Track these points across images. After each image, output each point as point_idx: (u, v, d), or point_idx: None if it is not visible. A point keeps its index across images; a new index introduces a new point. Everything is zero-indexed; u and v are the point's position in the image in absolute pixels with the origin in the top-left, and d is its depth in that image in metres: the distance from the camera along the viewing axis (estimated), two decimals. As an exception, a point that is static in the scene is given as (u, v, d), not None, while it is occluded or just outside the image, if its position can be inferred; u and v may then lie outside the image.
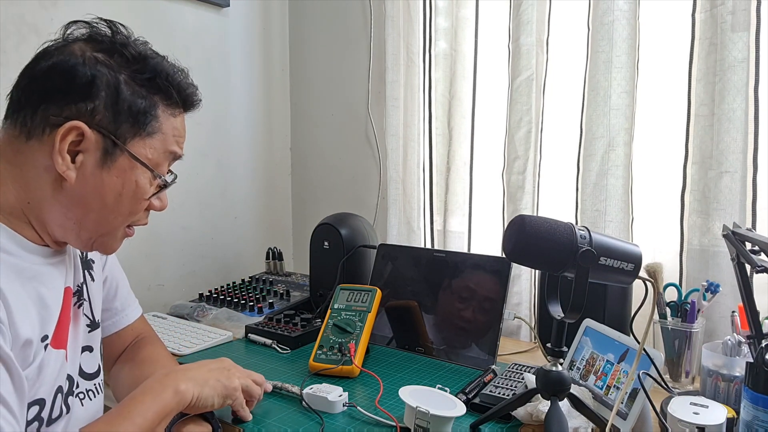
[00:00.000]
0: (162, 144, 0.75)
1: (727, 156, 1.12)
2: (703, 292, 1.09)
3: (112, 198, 0.73)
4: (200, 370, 0.85)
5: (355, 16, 1.77)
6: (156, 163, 0.75)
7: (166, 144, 0.76)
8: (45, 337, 0.71)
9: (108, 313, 0.96)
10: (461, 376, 1.12)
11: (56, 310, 0.74)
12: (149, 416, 0.74)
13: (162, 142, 0.75)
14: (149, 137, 0.74)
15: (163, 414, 0.76)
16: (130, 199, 0.74)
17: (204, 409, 0.83)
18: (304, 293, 1.55)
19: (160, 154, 0.76)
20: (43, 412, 0.71)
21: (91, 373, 0.84)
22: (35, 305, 0.70)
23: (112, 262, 0.97)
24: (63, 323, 0.76)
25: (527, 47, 1.36)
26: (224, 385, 0.85)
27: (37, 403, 0.70)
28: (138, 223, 0.79)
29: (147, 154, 0.74)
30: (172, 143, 0.77)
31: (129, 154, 0.72)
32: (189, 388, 0.80)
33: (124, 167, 0.72)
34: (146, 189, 0.75)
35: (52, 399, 0.72)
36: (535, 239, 0.76)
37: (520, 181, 1.41)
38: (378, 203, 1.74)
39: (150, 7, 1.54)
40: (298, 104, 1.96)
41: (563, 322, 0.82)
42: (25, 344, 0.66)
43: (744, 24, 1.09)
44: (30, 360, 0.68)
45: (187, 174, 1.65)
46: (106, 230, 0.76)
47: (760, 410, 0.75)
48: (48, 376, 0.71)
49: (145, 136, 0.73)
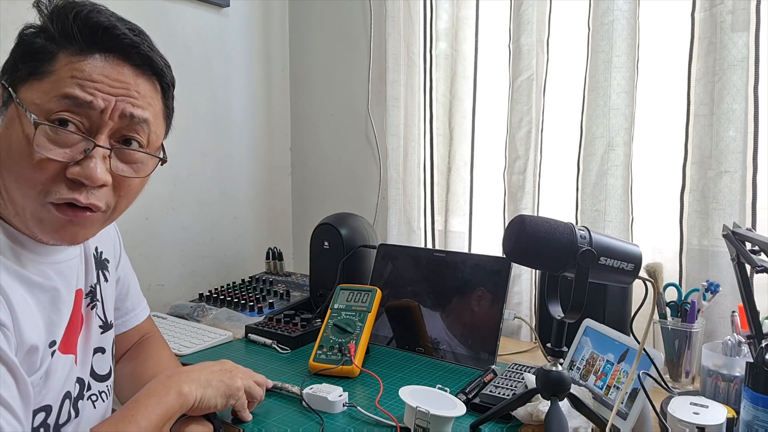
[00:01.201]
0: (53, 86, 0.63)
1: (727, 156, 1.12)
2: (703, 292, 1.09)
3: (5, 153, 0.64)
4: (202, 372, 0.84)
5: (355, 16, 1.77)
6: (46, 109, 0.63)
7: (59, 86, 0.63)
8: (53, 343, 0.69)
9: (118, 312, 0.95)
10: (461, 376, 1.12)
11: (66, 314, 0.72)
12: (153, 419, 0.73)
13: (53, 84, 0.63)
14: (39, 80, 0.64)
15: (167, 416, 0.76)
16: (19, 153, 0.63)
17: (207, 410, 0.83)
18: (304, 293, 1.55)
19: (50, 98, 0.63)
20: (50, 419, 0.70)
21: (103, 374, 0.84)
22: (42, 310, 0.68)
23: (125, 262, 0.97)
24: (73, 327, 0.74)
25: (528, 47, 1.36)
26: (227, 386, 0.85)
27: (43, 409, 0.69)
28: (56, 195, 0.64)
29: (33, 99, 0.63)
30: (68, 85, 0.63)
31: (15, 100, 0.63)
32: (192, 390, 0.79)
33: (12, 115, 0.64)
34: (33, 140, 0.62)
35: (59, 405, 0.71)
36: (535, 239, 0.76)
37: (520, 181, 1.41)
38: (378, 203, 1.74)
39: (150, 7, 1.54)
40: (298, 104, 1.96)
41: (563, 322, 0.82)
42: (31, 350, 0.65)
43: (743, 23, 1.09)
44: (36, 366, 0.66)
45: (187, 173, 1.67)
46: (23, 199, 0.65)
47: (760, 410, 0.75)
48: (55, 382, 0.70)
49: (36, 79, 0.64)
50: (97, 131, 0.66)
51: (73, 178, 0.64)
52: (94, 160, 0.64)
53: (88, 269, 0.82)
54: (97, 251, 0.86)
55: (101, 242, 0.87)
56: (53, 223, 0.66)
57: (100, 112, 0.65)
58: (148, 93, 0.70)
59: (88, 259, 0.82)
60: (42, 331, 0.67)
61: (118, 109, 0.66)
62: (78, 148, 0.65)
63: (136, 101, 0.68)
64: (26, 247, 0.69)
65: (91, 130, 0.66)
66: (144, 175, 0.72)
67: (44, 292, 0.69)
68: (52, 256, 0.72)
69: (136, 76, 0.68)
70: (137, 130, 0.69)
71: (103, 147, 0.66)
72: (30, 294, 0.67)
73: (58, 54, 0.64)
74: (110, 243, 0.91)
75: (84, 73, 0.64)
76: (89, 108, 0.64)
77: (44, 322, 0.68)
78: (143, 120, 0.69)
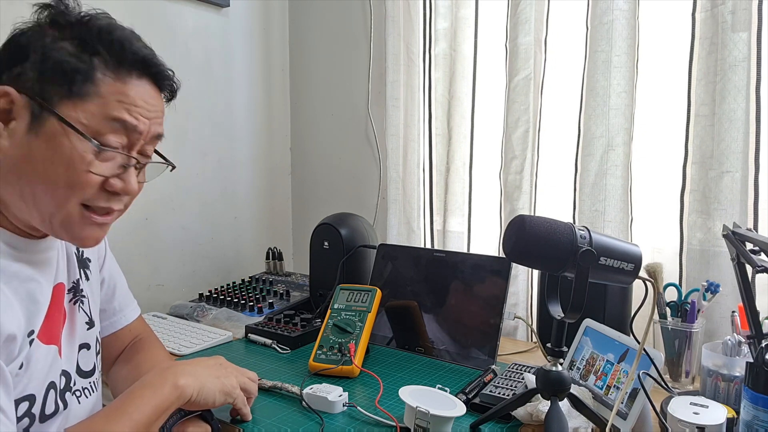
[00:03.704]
0: (100, 109, 0.67)
1: (728, 156, 1.12)
2: (703, 292, 1.09)
3: (42, 166, 0.67)
4: (197, 367, 0.84)
5: (355, 16, 1.77)
6: (95, 130, 0.67)
7: (107, 109, 0.68)
8: (31, 332, 0.70)
9: (106, 313, 0.95)
10: (461, 376, 1.12)
11: (44, 304, 0.73)
12: (147, 411, 0.74)
13: (100, 107, 0.67)
14: (82, 101, 0.67)
15: (162, 409, 0.76)
16: (65, 168, 0.67)
17: (205, 405, 0.83)
18: (304, 293, 1.55)
19: (99, 121, 0.67)
20: (34, 408, 0.70)
21: (87, 371, 0.84)
22: (20, 301, 0.69)
23: (110, 262, 0.97)
24: (53, 318, 0.75)
25: (525, 47, 1.36)
26: (223, 383, 0.85)
27: (26, 399, 0.69)
28: (94, 203, 0.70)
29: (80, 119, 0.67)
30: (116, 109, 0.68)
31: (57, 117, 0.66)
32: (189, 383, 0.79)
33: (53, 132, 0.67)
34: (84, 158, 0.67)
35: (44, 395, 0.72)
36: (535, 239, 0.76)
37: (517, 181, 1.41)
38: (378, 203, 1.74)
39: (150, 7, 1.54)
40: (298, 104, 1.96)
41: (563, 322, 0.82)
42: (8, 339, 0.65)
43: (745, 24, 1.09)
44: (14, 355, 0.67)
45: (187, 173, 1.67)
46: (56, 208, 0.69)
47: (760, 410, 0.75)
48: (38, 371, 0.71)
49: (77, 99, 0.67)
50: (132, 148, 0.72)
51: (113, 190, 0.71)
52: (132, 174, 0.72)
53: (70, 266, 0.83)
54: (78, 250, 0.87)
55: None
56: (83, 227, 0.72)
57: (139, 133, 0.71)
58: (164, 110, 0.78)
59: (69, 256, 0.83)
60: (21, 320, 0.68)
61: (152, 131, 0.73)
62: (117, 162, 0.71)
63: (160, 120, 0.76)
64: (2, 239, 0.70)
65: (128, 147, 0.72)
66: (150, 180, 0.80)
67: (21, 283, 0.70)
68: (30, 248, 0.73)
69: (161, 98, 0.76)
70: (156, 143, 0.77)
71: (140, 163, 0.74)
72: (6, 285, 0.68)
73: (95, 74, 0.68)
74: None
75: (129, 98, 0.70)
76: (134, 131, 0.71)
77: (22, 312, 0.69)
78: (162, 135, 0.77)
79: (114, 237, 1.01)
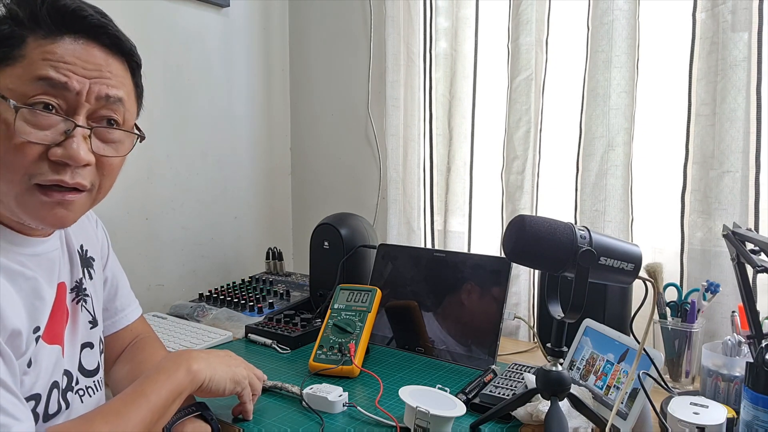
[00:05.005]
0: (26, 70, 0.64)
1: (729, 156, 1.12)
2: (703, 292, 1.09)
3: None
4: (209, 355, 0.86)
5: (355, 16, 1.77)
6: (21, 93, 0.64)
7: (33, 69, 0.64)
8: (37, 329, 0.70)
9: (108, 312, 0.96)
10: (461, 376, 1.12)
11: (49, 303, 0.73)
12: (163, 394, 0.74)
13: (25, 68, 0.64)
14: (11, 66, 0.64)
15: (177, 393, 0.76)
16: (2, 141, 0.64)
17: (216, 393, 0.83)
18: (304, 293, 1.55)
19: (24, 82, 0.64)
20: (39, 408, 0.71)
21: (91, 370, 0.84)
22: (24, 298, 0.69)
23: (113, 262, 0.97)
24: (57, 318, 0.75)
25: (526, 47, 1.36)
26: (234, 371, 0.87)
27: (33, 398, 0.69)
28: (42, 178, 0.65)
29: (8, 84, 0.64)
30: (41, 67, 0.64)
31: None
32: (202, 368, 0.80)
33: None
34: (11, 125, 0.63)
35: (48, 394, 0.72)
36: (536, 239, 0.76)
37: (518, 181, 1.41)
38: (378, 203, 1.74)
39: (150, 7, 1.53)
40: (298, 104, 1.96)
41: (563, 322, 0.82)
42: (14, 334, 0.65)
43: (745, 23, 1.09)
44: (22, 351, 0.66)
45: (187, 173, 1.67)
46: (8, 188, 0.66)
47: (760, 410, 0.75)
48: (43, 371, 0.71)
49: (7, 65, 0.64)
50: (74, 112, 0.67)
51: (57, 159, 0.65)
52: (75, 141, 0.66)
53: (72, 265, 0.82)
54: (82, 249, 0.86)
55: (87, 240, 0.88)
56: (40, 206, 0.67)
57: (76, 93, 0.66)
58: (120, 73, 0.71)
59: (72, 255, 0.83)
60: (24, 317, 0.68)
61: (93, 91, 0.67)
62: (58, 129, 0.65)
63: (109, 81, 0.69)
64: (4, 237, 0.69)
65: (68, 112, 0.66)
66: (123, 154, 0.74)
67: (26, 280, 0.70)
68: (31, 247, 0.73)
69: (106, 56, 0.70)
70: (113, 109, 0.70)
71: (83, 127, 0.67)
72: (11, 281, 0.67)
73: (27, 38, 0.65)
74: (97, 243, 0.92)
75: (56, 55, 0.65)
76: (65, 89, 0.65)
77: (26, 308, 0.69)
78: (118, 99, 0.70)
79: (114, 237, 1.01)
